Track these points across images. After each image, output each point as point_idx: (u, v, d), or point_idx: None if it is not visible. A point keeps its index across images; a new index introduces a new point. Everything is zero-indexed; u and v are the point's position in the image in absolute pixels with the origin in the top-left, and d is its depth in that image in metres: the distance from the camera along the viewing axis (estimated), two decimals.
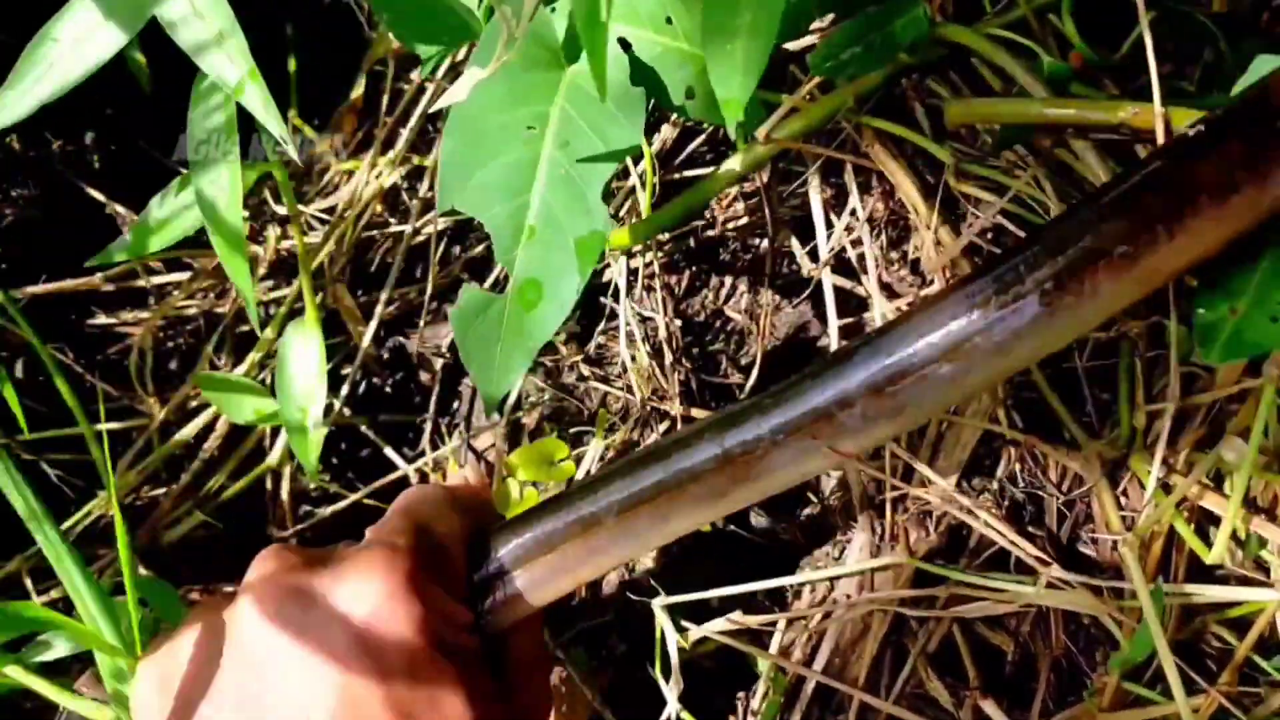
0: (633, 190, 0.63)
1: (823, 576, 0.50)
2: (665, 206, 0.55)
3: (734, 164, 0.53)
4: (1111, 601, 0.42)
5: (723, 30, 0.40)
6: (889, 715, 0.48)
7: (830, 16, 0.54)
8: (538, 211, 0.45)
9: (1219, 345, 0.38)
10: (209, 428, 0.68)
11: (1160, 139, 0.42)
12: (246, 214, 0.56)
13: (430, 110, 0.70)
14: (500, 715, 0.38)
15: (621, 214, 0.64)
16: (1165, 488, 0.44)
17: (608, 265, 0.66)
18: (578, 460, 0.65)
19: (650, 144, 0.66)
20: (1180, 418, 0.46)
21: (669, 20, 0.48)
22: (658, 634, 0.45)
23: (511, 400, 0.66)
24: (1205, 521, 0.45)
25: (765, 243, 0.63)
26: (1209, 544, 0.43)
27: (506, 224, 0.45)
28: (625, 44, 0.48)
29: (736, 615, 0.47)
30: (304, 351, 0.59)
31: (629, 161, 0.63)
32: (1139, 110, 0.43)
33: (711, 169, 0.60)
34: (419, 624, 0.36)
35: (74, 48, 0.45)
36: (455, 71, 0.70)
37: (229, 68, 0.45)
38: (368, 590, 0.36)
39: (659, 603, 0.39)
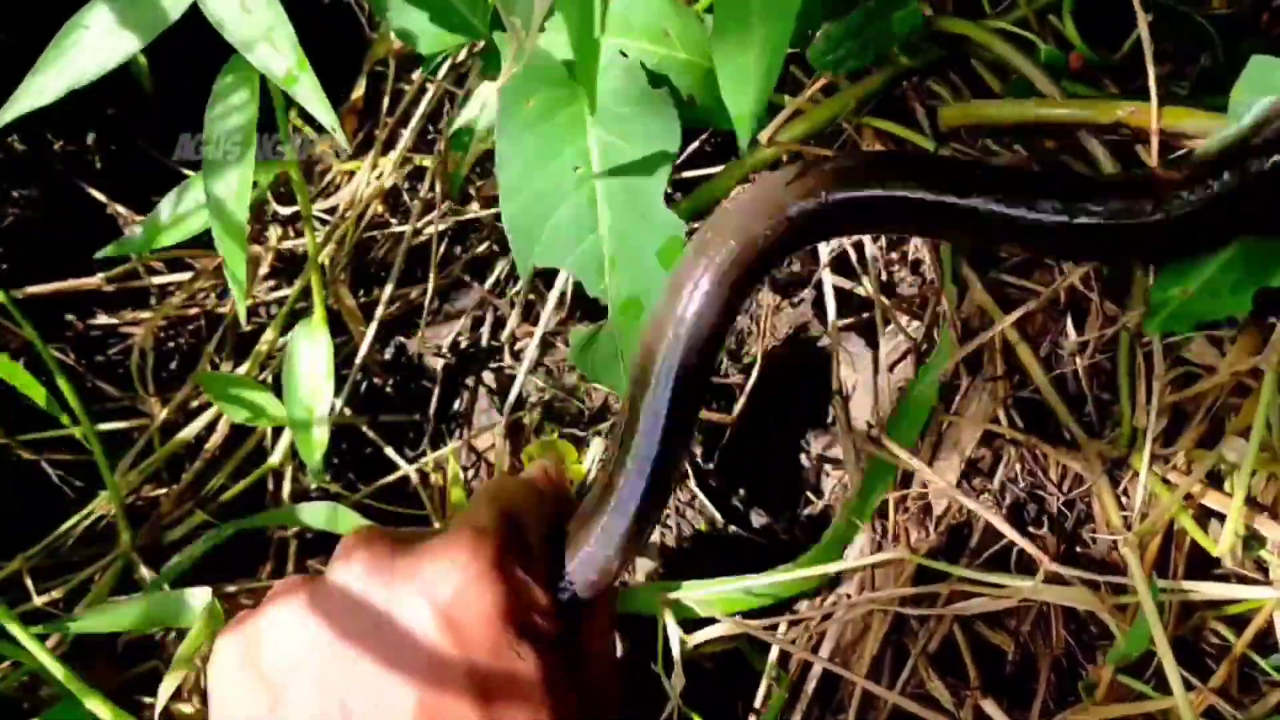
0: None
1: (822, 572, 0.50)
2: (670, 207, 0.55)
3: (738, 166, 0.53)
4: (1109, 597, 0.43)
5: (734, 43, 0.40)
6: (892, 707, 0.48)
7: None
8: (611, 244, 0.47)
9: (1160, 318, 0.40)
10: (210, 428, 0.68)
11: (1155, 139, 0.42)
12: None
13: (433, 106, 0.70)
14: (574, 701, 0.39)
15: None
16: (1166, 483, 0.44)
17: None
18: (578, 460, 0.66)
19: None
20: (1180, 417, 0.46)
21: (666, 32, 0.48)
22: (660, 631, 0.45)
23: (512, 398, 0.66)
24: (1206, 521, 0.45)
25: None
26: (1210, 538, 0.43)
27: (589, 265, 0.47)
28: (625, 56, 0.48)
29: (736, 619, 0.47)
30: (311, 351, 0.59)
31: None
32: (1135, 109, 0.43)
33: (714, 169, 0.60)
34: (502, 606, 0.37)
35: (101, 38, 0.45)
36: (457, 72, 0.70)
37: (276, 59, 0.45)
38: (453, 571, 0.37)
39: (663, 599, 0.40)
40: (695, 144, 0.66)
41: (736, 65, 0.40)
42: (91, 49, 0.45)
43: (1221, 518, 0.44)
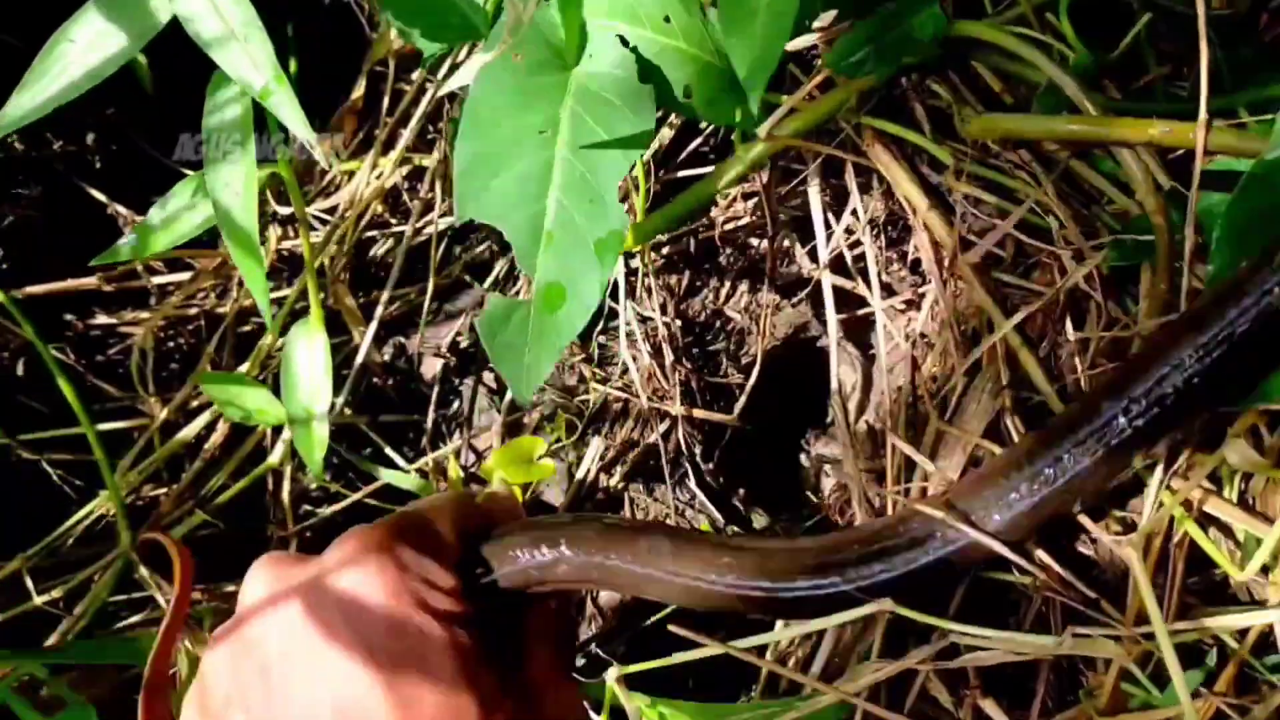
0: (631, 190, 0.64)
1: (797, 633, 0.49)
2: (667, 205, 0.55)
3: (735, 163, 0.53)
4: (1134, 647, 0.42)
5: (742, 9, 0.40)
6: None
7: (833, 14, 0.54)
8: (555, 216, 0.46)
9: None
10: (210, 428, 0.68)
11: (1200, 158, 0.41)
12: None
13: (433, 106, 0.70)
14: (499, 681, 0.38)
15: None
16: (1169, 490, 0.44)
17: None
18: (578, 459, 0.66)
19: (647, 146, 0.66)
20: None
21: (667, 19, 0.48)
22: (606, 704, 0.43)
23: (509, 398, 0.66)
24: (1206, 522, 0.45)
25: (765, 243, 0.64)
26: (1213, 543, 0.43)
27: (525, 230, 0.46)
28: (625, 42, 0.48)
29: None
30: (310, 351, 0.59)
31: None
32: (1170, 129, 0.42)
33: (711, 168, 0.60)
34: (395, 584, 0.37)
35: (86, 51, 0.45)
36: (456, 71, 0.70)
37: (254, 73, 0.45)
38: (341, 559, 0.38)
39: (613, 674, 0.39)
40: (693, 145, 0.66)
41: (744, 31, 0.40)
42: (78, 62, 0.46)
43: (1221, 522, 0.44)
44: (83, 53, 0.46)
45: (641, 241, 0.58)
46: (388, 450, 0.68)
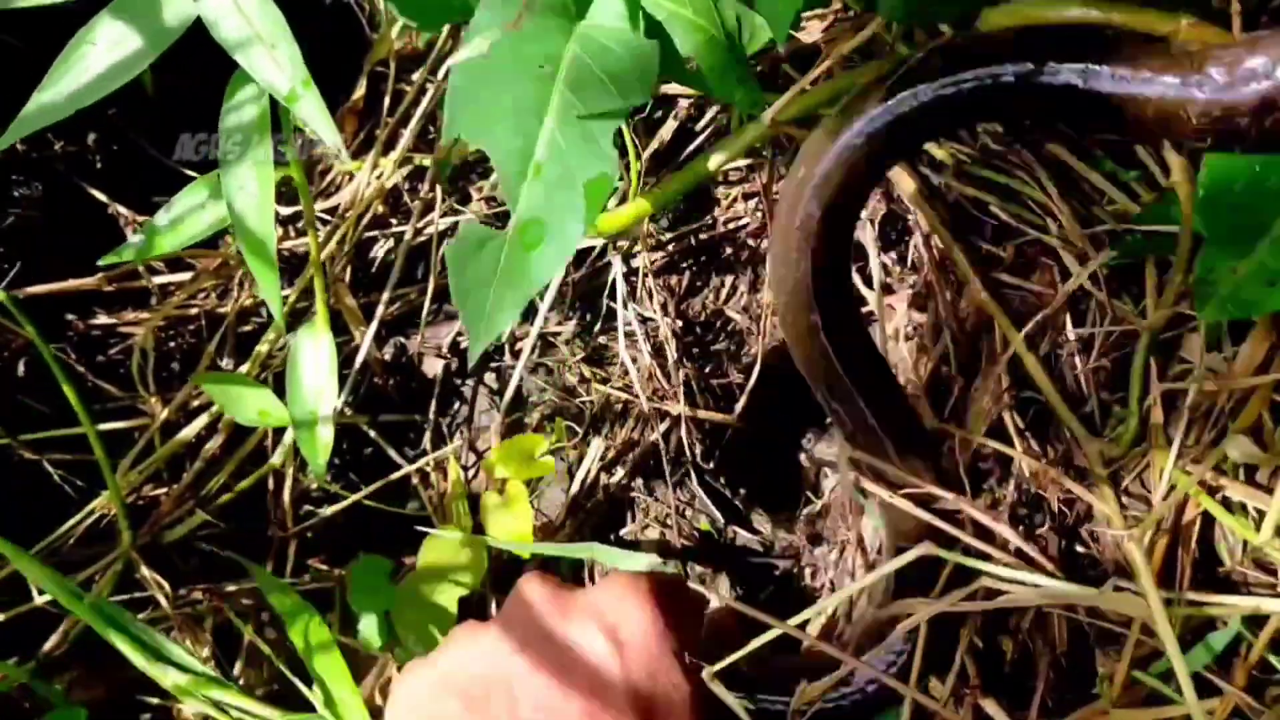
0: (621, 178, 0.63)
1: (817, 611, 0.49)
2: (664, 182, 0.54)
3: (732, 142, 0.51)
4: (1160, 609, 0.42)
5: None
6: None
7: (834, 14, 0.54)
8: (546, 147, 0.44)
9: (1214, 302, 0.39)
10: (211, 428, 0.68)
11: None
12: None
13: (433, 105, 0.70)
14: None
15: (614, 207, 0.64)
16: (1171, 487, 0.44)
17: (608, 265, 0.67)
18: (579, 459, 0.66)
19: (649, 141, 0.66)
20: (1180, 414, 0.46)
21: None
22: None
23: (509, 397, 0.67)
24: (1208, 522, 0.45)
25: (765, 243, 0.64)
26: (1215, 542, 0.43)
27: (514, 156, 0.43)
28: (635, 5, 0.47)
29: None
30: (314, 351, 0.59)
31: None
32: (1194, 22, 0.40)
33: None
34: (661, 631, 0.40)
35: (108, 53, 0.46)
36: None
37: (280, 77, 0.45)
38: (620, 600, 0.41)
39: (708, 674, 0.40)
40: (692, 147, 0.66)
41: None
42: (97, 66, 0.46)
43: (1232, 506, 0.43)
44: (103, 56, 0.46)
45: (640, 220, 0.56)
46: (389, 450, 0.68)
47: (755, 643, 0.39)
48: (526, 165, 0.43)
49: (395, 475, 0.66)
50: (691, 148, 0.66)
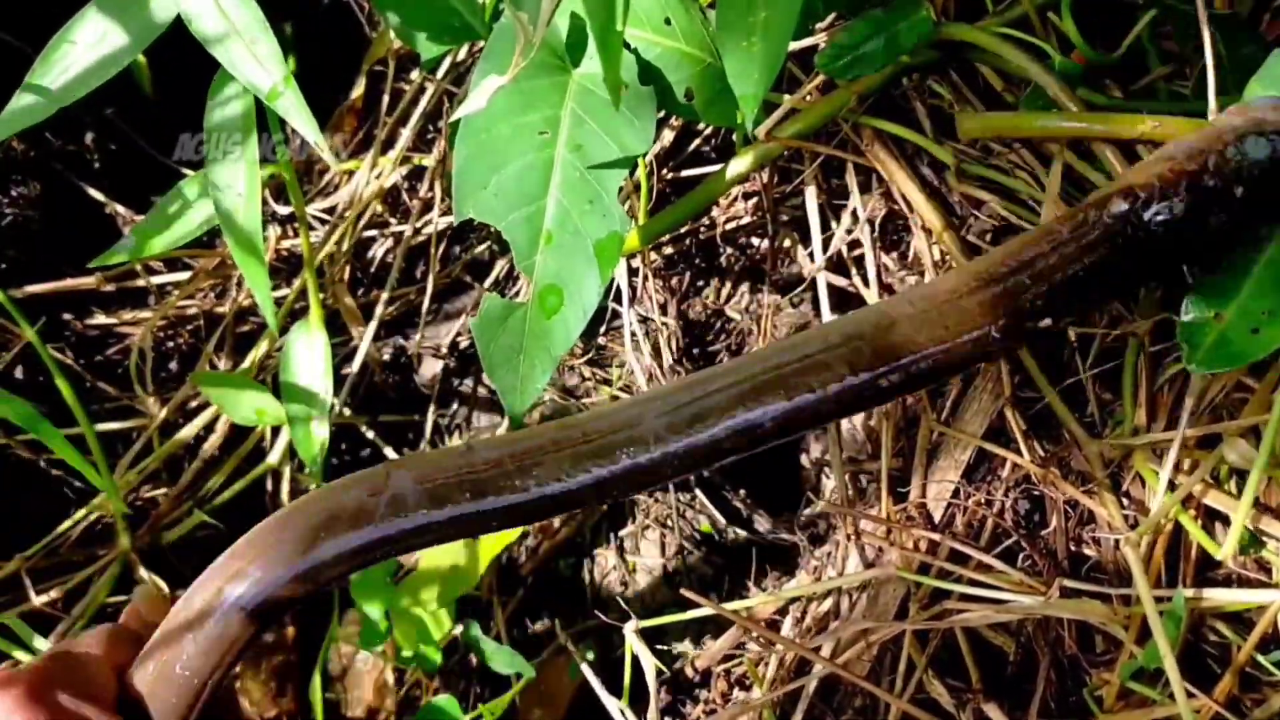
0: (632, 193, 0.63)
1: (806, 591, 0.49)
2: (670, 207, 0.55)
3: (737, 164, 0.53)
4: (1121, 609, 0.42)
5: (739, 28, 0.40)
6: (891, 709, 0.48)
7: (833, 15, 0.54)
8: (554, 216, 0.45)
9: (1202, 352, 0.39)
10: (209, 428, 0.68)
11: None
12: None
13: (432, 105, 0.70)
14: None
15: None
16: (1170, 486, 0.44)
17: None
18: None
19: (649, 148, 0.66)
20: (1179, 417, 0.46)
21: (668, 21, 0.48)
22: (628, 657, 0.43)
23: None
24: (1209, 520, 0.45)
25: (765, 243, 0.63)
26: (1214, 541, 0.43)
27: (523, 230, 0.45)
28: (626, 45, 0.48)
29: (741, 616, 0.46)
30: (309, 350, 0.59)
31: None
32: (1159, 124, 0.43)
33: (712, 168, 0.60)
34: None
35: (88, 52, 0.45)
36: (455, 70, 0.70)
37: (261, 74, 0.45)
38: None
39: (631, 627, 0.38)
40: (693, 145, 0.66)
41: (741, 48, 0.40)
42: (79, 64, 0.45)
43: (1223, 517, 0.43)
44: (84, 53, 0.45)
45: (644, 245, 0.57)
46: (387, 450, 0.68)
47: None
48: (537, 236, 0.45)
49: None
50: (693, 147, 0.66)
